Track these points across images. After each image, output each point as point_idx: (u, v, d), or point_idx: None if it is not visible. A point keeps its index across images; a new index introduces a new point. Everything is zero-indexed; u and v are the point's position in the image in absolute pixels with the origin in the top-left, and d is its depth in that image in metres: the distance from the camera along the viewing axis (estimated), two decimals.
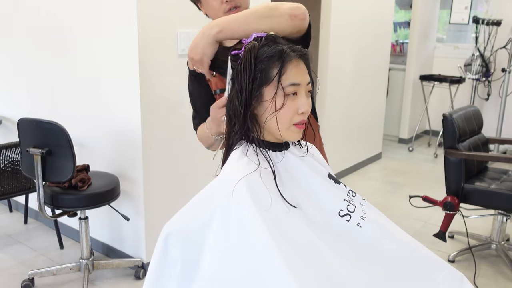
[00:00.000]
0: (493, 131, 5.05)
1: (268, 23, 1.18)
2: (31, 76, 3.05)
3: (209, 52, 1.19)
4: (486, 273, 2.77)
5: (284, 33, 1.25)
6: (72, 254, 2.86)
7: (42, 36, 2.87)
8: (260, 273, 0.94)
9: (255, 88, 1.04)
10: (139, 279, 2.60)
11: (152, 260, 1.04)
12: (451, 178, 2.76)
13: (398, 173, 4.66)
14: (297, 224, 1.02)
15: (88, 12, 2.55)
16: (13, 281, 2.55)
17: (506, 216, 2.87)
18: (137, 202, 2.58)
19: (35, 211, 3.22)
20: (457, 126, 2.74)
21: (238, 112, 1.05)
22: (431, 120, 5.80)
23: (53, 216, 2.50)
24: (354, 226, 1.10)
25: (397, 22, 6.14)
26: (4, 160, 2.75)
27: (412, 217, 3.51)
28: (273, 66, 1.03)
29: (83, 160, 2.73)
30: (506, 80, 4.85)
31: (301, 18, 1.23)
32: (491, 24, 4.91)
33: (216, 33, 1.17)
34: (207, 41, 1.17)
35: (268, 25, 1.17)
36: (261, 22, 1.18)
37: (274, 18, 1.19)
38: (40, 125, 2.26)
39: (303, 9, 1.25)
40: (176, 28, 2.49)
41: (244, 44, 1.09)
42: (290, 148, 1.15)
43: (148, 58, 2.39)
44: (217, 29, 1.17)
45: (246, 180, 0.99)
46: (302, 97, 1.06)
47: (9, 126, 3.31)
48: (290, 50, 1.05)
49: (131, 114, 2.46)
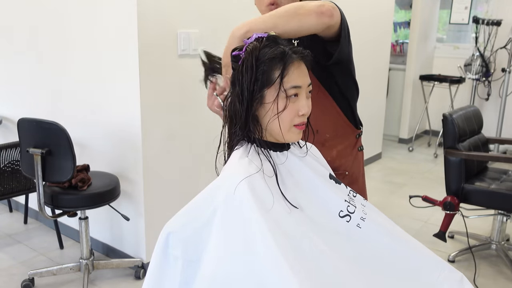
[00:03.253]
0: (493, 131, 5.05)
1: (295, 22, 1.16)
2: (31, 76, 3.05)
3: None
4: (486, 273, 2.77)
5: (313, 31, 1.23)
6: (72, 254, 2.86)
7: (42, 36, 2.87)
8: (261, 273, 0.94)
9: (256, 90, 1.03)
10: (139, 279, 2.60)
11: (152, 260, 1.04)
12: (451, 178, 2.76)
13: (398, 173, 4.66)
14: (298, 225, 1.02)
15: (88, 12, 2.54)
16: (13, 281, 2.55)
17: (506, 216, 2.87)
18: (137, 202, 2.58)
19: (35, 211, 3.22)
20: (457, 126, 2.74)
21: (239, 113, 1.05)
22: (431, 120, 5.80)
23: (53, 216, 2.50)
24: (354, 227, 1.10)
25: (397, 22, 6.14)
26: (4, 160, 2.75)
27: (412, 217, 3.51)
28: (275, 68, 1.03)
29: (83, 160, 2.73)
30: (506, 80, 4.85)
31: (328, 15, 1.21)
32: (491, 24, 4.91)
33: (244, 33, 1.14)
34: (237, 42, 1.15)
35: (296, 24, 1.16)
36: (289, 22, 1.16)
37: (301, 17, 1.18)
38: (40, 125, 2.26)
39: (330, 6, 1.22)
40: (176, 28, 2.49)
41: (245, 44, 1.08)
42: (291, 149, 1.15)
43: (148, 58, 2.39)
44: (244, 29, 1.15)
45: (248, 180, 0.99)
46: (303, 99, 1.06)
47: (9, 126, 3.31)
48: (292, 52, 1.04)
49: (131, 114, 2.46)
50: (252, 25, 1.16)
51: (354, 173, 1.55)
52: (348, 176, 1.51)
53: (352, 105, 1.53)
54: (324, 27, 1.24)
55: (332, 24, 1.24)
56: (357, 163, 1.57)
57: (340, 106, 1.49)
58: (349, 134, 1.54)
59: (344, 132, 1.52)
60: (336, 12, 1.25)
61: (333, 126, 1.49)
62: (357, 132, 1.56)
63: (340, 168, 1.48)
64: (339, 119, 1.50)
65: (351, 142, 1.55)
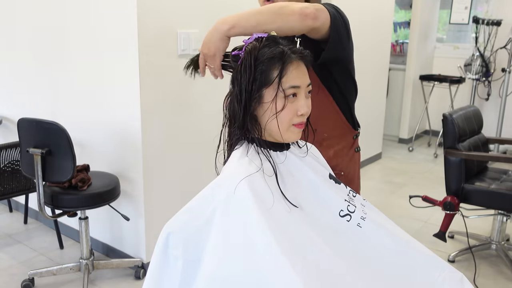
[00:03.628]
0: (493, 131, 5.05)
1: (278, 21, 1.17)
2: (31, 76, 3.05)
3: (222, 47, 1.18)
4: (486, 273, 2.77)
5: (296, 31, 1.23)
6: (72, 254, 2.86)
7: (42, 36, 2.87)
8: (261, 272, 0.94)
9: (254, 90, 1.03)
10: (139, 279, 2.60)
11: (152, 260, 1.04)
12: (451, 178, 2.76)
13: (398, 173, 4.66)
14: (299, 224, 1.02)
15: (88, 12, 2.54)
16: (13, 281, 2.55)
17: (506, 216, 2.87)
18: (137, 202, 2.58)
19: (35, 211, 3.22)
20: (457, 126, 2.74)
21: (237, 113, 1.05)
22: (431, 120, 5.80)
23: (53, 216, 2.50)
24: (354, 226, 1.10)
25: (397, 22, 6.14)
26: (4, 160, 2.75)
27: (412, 217, 3.51)
28: (274, 68, 1.03)
29: (83, 160, 2.73)
30: (506, 80, 4.85)
31: (312, 17, 1.21)
32: (491, 24, 4.91)
33: (228, 29, 1.16)
34: (219, 37, 1.17)
35: (278, 22, 1.17)
36: (271, 19, 1.17)
37: (284, 16, 1.18)
38: (40, 125, 2.26)
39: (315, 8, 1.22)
40: (176, 28, 2.49)
41: (244, 44, 1.08)
42: (291, 148, 1.15)
43: (148, 58, 2.39)
44: (228, 25, 1.17)
45: (248, 180, 0.99)
46: (302, 99, 1.06)
47: (9, 126, 3.31)
48: (291, 52, 1.04)
49: (131, 114, 2.46)
50: (237, 20, 1.17)
51: (350, 174, 1.55)
52: (344, 176, 1.51)
53: (350, 105, 1.53)
54: (308, 29, 1.24)
55: (316, 26, 1.24)
56: (353, 164, 1.57)
57: (340, 105, 1.49)
58: (346, 135, 1.54)
59: (342, 132, 1.53)
60: (323, 15, 1.24)
61: (331, 126, 1.49)
62: (354, 133, 1.56)
63: (336, 168, 1.48)
64: (337, 119, 1.50)
65: (348, 142, 1.55)
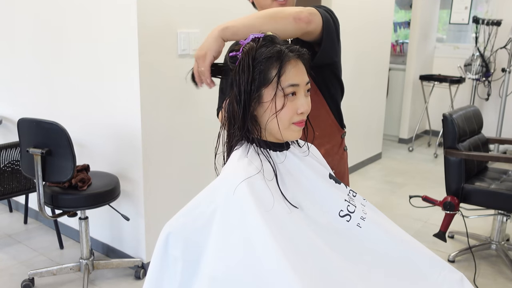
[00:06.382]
0: (493, 131, 5.05)
1: (272, 24, 1.19)
2: (31, 76, 3.05)
3: (214, 48, 1.17)
4: (486, 273, 2.77)
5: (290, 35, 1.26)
6: (72, 254, 2.86)
7: (42, 36, 2.87)
8: (261, 273, 0.93)
9: (253, 90, 1.03)
10: (139, 279, 2.60)
11: (152, 260, 1.04)
12: (451, 178, 2.76)
13: (398, 173, 4.66)
14: (299, 225, 1.02)
15: (88, 12, 2.54)
16: (13, 281, 2.55)
17: (506, 216, 2.87)
18: (137, 202, 2.58)
19: (35, 211, 3.22)
20: (457, 126, 2.74)
21: (237, 114, 1.05)
22: (431, 120, 5.80)
23: (53, 216, 2.50)
24: (354, 226, 1.10)
25: (397, 22, 6.14)
26: (4, 160, 2.75)
27: (412, 217, 3.51)
28: (272, 67, 1.03)
29: (83, 160, 2.73)
30: (506, 80, 4.84)
31: (305, 21, 1.24)
32: (491, 24, 4.91)
33: (222, 29, 1.17)
34: (213, 37, 1.17)
35: (272, 26, 1.19)
36: (265, 23, 1.19)
37: (278, 19, 1.21)
38: (40, 125, 2.26)
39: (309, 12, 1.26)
40: (176, 28, 2.49)
41: (242, 45, 1.08)
42: (291, 148, 1.15)
43: (148, 58, 2.39)
44: (223, 25, 1.18)
45: (248, 181, 0.99)
46: (301, 97, 1.06)
47: (9, 126, 3.31)
48: (289, 51, 1.04)
49: (131, 114, 2.46)
50: (232, 23, 1.19)
51: (340, 172, 1.59)
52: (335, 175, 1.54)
53: (338, 105, 1.58)
54: (302, 32, 1.27)
55: (309, 30, 1.28)
56: (343, 163, 1.62)
57: (329, 105, 1.53)
58: (335, 134, 1.58)
59: (332, 131, 1.57)
60: (316, 19, 1.28)
61: (322, 125, 1.52)
62: (342, 132, 1.61)
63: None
64: (327, 118, 1.54)
65: (337, 141, 1.59)
